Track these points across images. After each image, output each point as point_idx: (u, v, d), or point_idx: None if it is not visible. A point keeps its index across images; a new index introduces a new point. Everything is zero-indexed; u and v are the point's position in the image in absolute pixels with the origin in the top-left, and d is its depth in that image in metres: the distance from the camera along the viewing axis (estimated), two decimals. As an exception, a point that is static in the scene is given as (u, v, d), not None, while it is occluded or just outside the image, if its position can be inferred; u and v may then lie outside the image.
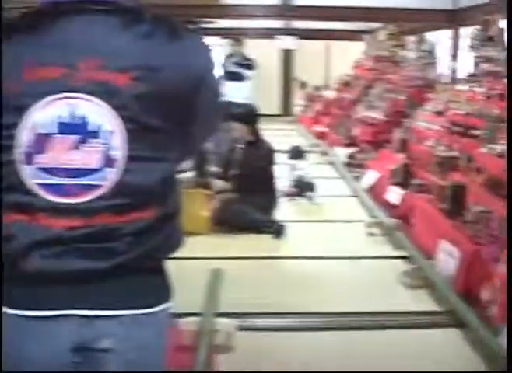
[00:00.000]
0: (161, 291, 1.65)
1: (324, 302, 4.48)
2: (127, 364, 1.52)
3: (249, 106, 7.11)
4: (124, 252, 1.49)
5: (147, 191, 1.51)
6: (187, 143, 1.64)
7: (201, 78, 1.55)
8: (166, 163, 1.55)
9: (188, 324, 3.69)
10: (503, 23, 7.83)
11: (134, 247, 1.50)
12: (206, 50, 1.60)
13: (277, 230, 6.07)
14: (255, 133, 6.46)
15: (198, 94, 1.54)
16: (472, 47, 8.28)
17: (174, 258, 5.00)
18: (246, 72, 10.77)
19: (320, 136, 12.68)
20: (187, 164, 6.54)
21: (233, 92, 10.70)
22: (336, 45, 17.60)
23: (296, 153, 8.72)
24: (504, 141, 5.58)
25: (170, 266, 1.70)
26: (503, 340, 3.65)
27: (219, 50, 17.06)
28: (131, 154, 1.46)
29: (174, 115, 1.52)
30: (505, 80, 6.89)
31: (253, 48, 12.29)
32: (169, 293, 1.68)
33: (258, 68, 11.47)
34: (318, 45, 17.68)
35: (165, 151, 1.53)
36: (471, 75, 8.20)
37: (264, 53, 16.34)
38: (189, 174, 6.25)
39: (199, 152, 6.64)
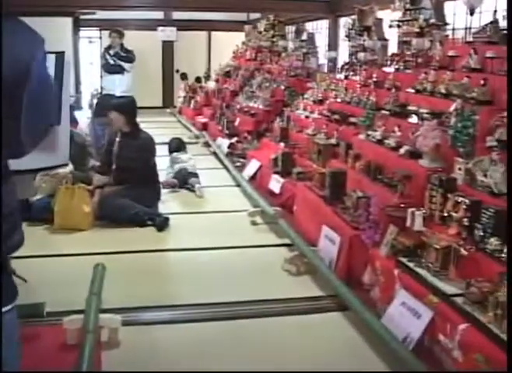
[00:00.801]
0: (4, 292, 1.54)
1: (209, 293, 4.43)
2: None
3: (127, 97, 6.98)
4: None
5: None
6: (15, 138, 1.49)
7: (25, 69, 1.41)
8: None
9: (72, 322, 3.57)
10: (380, 13, 8.04)
11: None
12: (32, 40, 1.48)
13: (161, 223, 5.97)
14: (132, 123, 6.34)
15: (22, 86, 1.41)
16: (348, 37, 8.46)
17: (56, 255, 4.87)
18: (125, 65, 10.57)
19: (203, 127, 12.65)
20: (65, 158, 6.32)
21: (111, 85, 10.49)
22: (217, 36, 17.59)
23: (176, 145, 8.64)
24: (382, 127, 5.73)
25: (53, 264, 1.61)
26: (385, 322, 3.73)
27: (98, 42, 16.75)
28: None
29: None
30: (383, 68, 7.09)
31: (136, 40, 12.06)
32: (13, 294, 1.57)
33: (141, 61, 11.30)
34: (199, 36, 17.61)
35: None
36: (347, 64, 8.39)
37: (147, 45, 16.12)
38: (68, 169, 6.03)
39: (80, 146, 6.44)
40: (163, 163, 7.60)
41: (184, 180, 7.63)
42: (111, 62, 10.62)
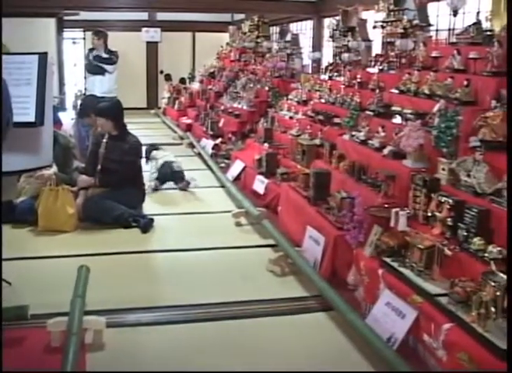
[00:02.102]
0: None
1: (194, 294, 4.42)
2: None
3: (112, 100, 6.94)
4: None
5: None
6: None
7: None
8: None
9: (57, 324, 3.55)
10: (364, 14, 8.07)
11: None
12: None
13: (145, 224, 5.95)
14: (119, 126, 6.30)
15: None
16: (332, 38, 8.48)
17: (40, 257, 4.84)
18: (105, 66, 10.56)
19: (187, 128, 12.62)
20: (48, 160, 6.31)
21: (93, 86, 10.48)
22: (201, 37, 17.56)
23: (152, 149, 8.58)
24: (366, 128, 5.75)
25: (37, 266, 1.59)
26: (370, 322, 3.74)
27: (82, 43, 16.70)
28: None
29: None
30: (367, 69, 7.12)
31: (120, 41, 11.99)
32: None
33: (125, 62, 11.27)
34: (184, 37, 17.58)
35: None
36: (331, 65, 8.41)
37: (132, 46, 16.07)
38: (52, 170, 6.00)
39: (64, 147, 6.41)
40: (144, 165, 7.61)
41: (172, 176, 7.66)
42: (93, 63, 10.62)
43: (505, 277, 3.00)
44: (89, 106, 6.84)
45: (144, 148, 8.43)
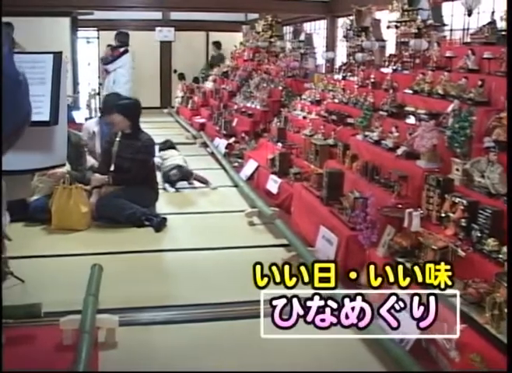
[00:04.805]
0: None
1: (207, 293, 4.42)
2: None
3: (131, 100, 6.96)
4: None
5: None
6: None
7: None
8: None
9: (69, 322, 3.57)
10: (377, 14, 8.05)
11: None
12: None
13: (158, 223, 5.96)
14: (135, 125, 6.32)
15: None
16: (346, 37, 8.47)
17: (53, 256, 4.83)
18: (103, 66, 10.68)
19: (200, 127, 12.63)
20: (62, 159, 6.32)
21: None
22: (215, 36, 17.57)
23: (168, 146, 8.60)
24: (379, 128, 5.74)
25: (50, 264, 1.58)
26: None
27: (96, 42, 16.77)
28: None
29: None
30: (381, 69, 7.10)
31: (133, 40, 12.00)
32: None
33: (139, 61, 11.34)
34: (197, 36, 17.59)
35: None
36: (345, 65, 8.39)
37: (145, 45, 16.10)
38: (65, 169, 6.02)
39: (75, 146, 6.43)
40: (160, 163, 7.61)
41: (182, 179, 7.68)
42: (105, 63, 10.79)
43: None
44: (111, 104, 6.83)
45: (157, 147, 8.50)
